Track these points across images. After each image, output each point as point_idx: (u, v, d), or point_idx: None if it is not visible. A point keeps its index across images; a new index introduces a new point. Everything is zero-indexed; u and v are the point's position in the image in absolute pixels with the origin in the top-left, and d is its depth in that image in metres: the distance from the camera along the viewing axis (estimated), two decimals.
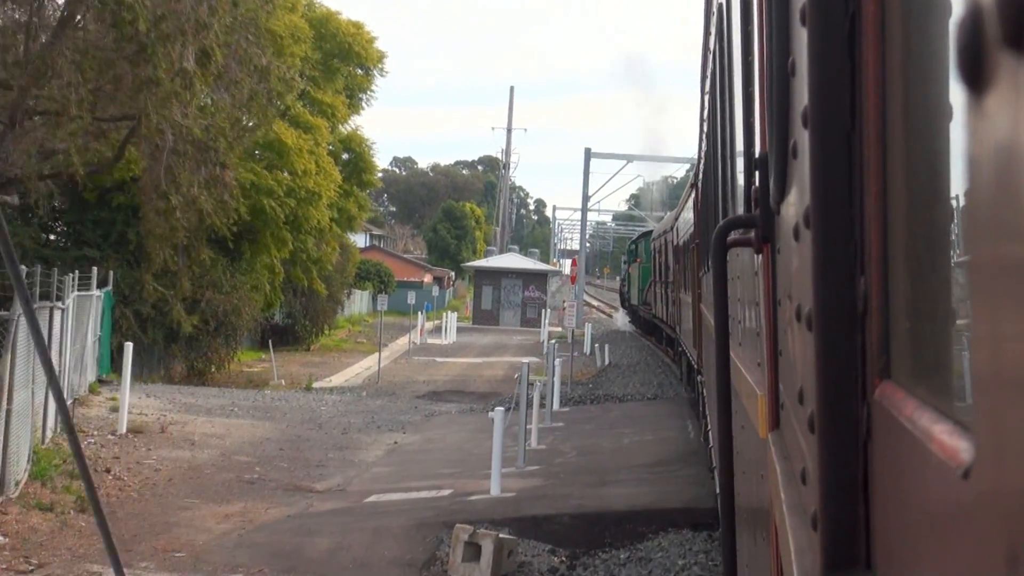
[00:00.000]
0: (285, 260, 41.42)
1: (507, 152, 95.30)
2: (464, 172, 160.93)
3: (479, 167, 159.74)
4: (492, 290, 70.30)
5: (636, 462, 17.64)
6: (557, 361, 25.10)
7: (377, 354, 45.12)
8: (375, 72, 50.25)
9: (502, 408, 15.20)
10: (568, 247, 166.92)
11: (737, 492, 3.85)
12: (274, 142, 37.90)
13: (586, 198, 68.08)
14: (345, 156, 48.32)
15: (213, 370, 36.98)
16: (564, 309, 69.62)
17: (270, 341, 43.30)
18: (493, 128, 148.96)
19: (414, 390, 33.68)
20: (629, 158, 71.07)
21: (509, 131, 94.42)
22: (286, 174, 39.22)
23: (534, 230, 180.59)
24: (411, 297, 52.81)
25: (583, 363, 41.16)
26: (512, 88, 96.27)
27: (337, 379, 37.86)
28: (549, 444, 20.01)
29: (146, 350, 33.71)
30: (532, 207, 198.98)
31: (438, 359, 45.24)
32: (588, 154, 66.48)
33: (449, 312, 62.29)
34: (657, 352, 43.65)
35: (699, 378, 19.61)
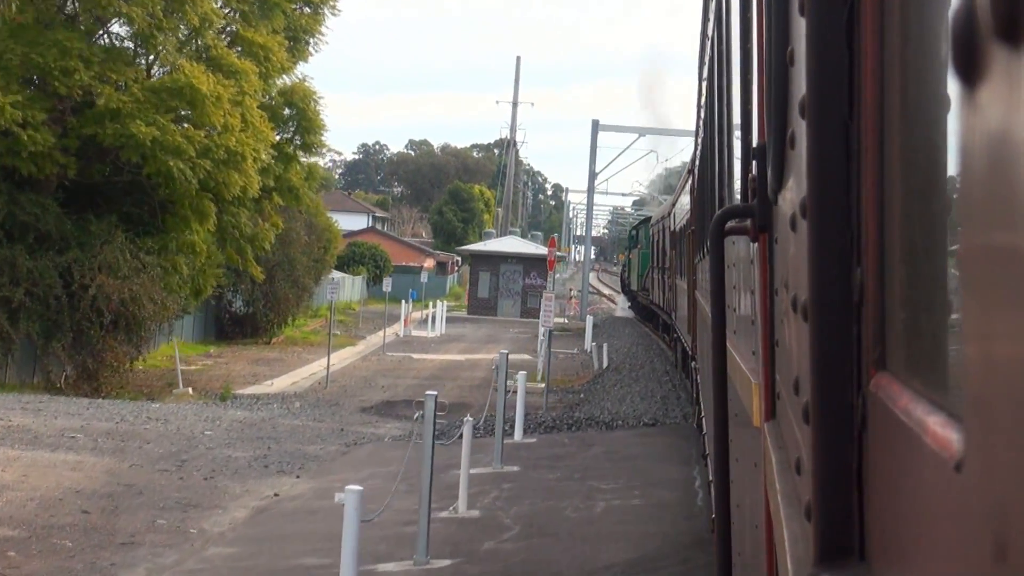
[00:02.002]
0: (217, 238, 34.78)
1: (512, 127, 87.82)
2: (476, 155, 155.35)
3: (495, 150, 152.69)
4: (490, 276, 63.55)
5: (607, 559, 11.46)
6: (521, 376, 19.52)
7: (349, 348, 41.49)
8: (325, 10, 39.78)
9: (356, 490, 9.34)
10: (583, 232, 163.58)
11: (731, 479, 3.87)
12: (184, 88, 29.82)
13: (593, 175, 62.50)
14: (287, 112, 38.69)
15: (108, 374, 29.87)
16: (572, 299, 67.54)
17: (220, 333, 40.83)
18: (497, 102, 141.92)
19: (365, 398, 28.61)
20: (640, 131, 64.96)
21: (515, 105, 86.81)
22: (205, 130, 31.50)
23: (551, 215, 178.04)
24: (387, 284, 48.42)
25: (581, 362, 38.24)
26: (519, 59, 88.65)
27: (282, 382, 32.41)
28: (485, 510, 13.89)
29: (23, 348, 28.66)
30: (550, 192, 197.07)
31: (415, 355, 40.01)
32: (595, 127, 60.94)
33: (440, 301, 56.28)
34: (664, 350, 38.84)
35: (693, 364, 19.65)
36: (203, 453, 18.73)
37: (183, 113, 31.04)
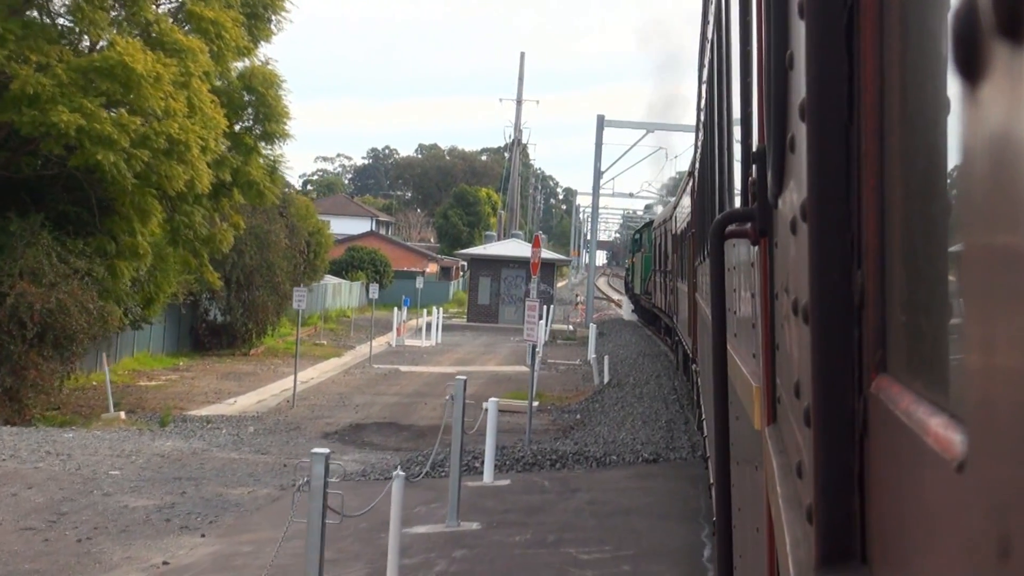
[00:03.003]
0: (169, 239, 30.85)
1: (516, 125, 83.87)
2: (483, 158, 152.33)
3: (504, 154, 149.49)
4: (490, 282, 60.35)
5: None
6: (491, 404, 16.53)
7: (334, 359, 39.12)
8: None
9: None
10: (597, 237, 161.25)
11: (732, 483, 3.86)
12: (116, 67, 25.42)
13: (598, 173, 59.16)
14: (247, 99, 33.70)
15: (33, 394, 25.92)
16: (579, 304, 65.19)
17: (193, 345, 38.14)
18: (501, 100, 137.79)
19: (332, 420, 25.19)
20: (648, 126, 60.43)
21: (519, 103, 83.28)
22: (143, 117, 26.60)
23: (562, 220, 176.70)
24: (374, 291, 44.85)
25: (583, 374, 35.20)
26: (522, 55, 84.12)
27: (246, 400, 29.07)
28: None
29: None
30: (561, 197, 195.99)
31: (404, 368, 36.90)
32: (601, 122, 57.40)
33: (436, 308, 52.66)
34: (671, 361, 35.92)
35: (694, 367, 19.66)
36: (95, 502, 15.12)
37: (119, 98, 26.27)
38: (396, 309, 48.91)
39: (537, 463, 18.08)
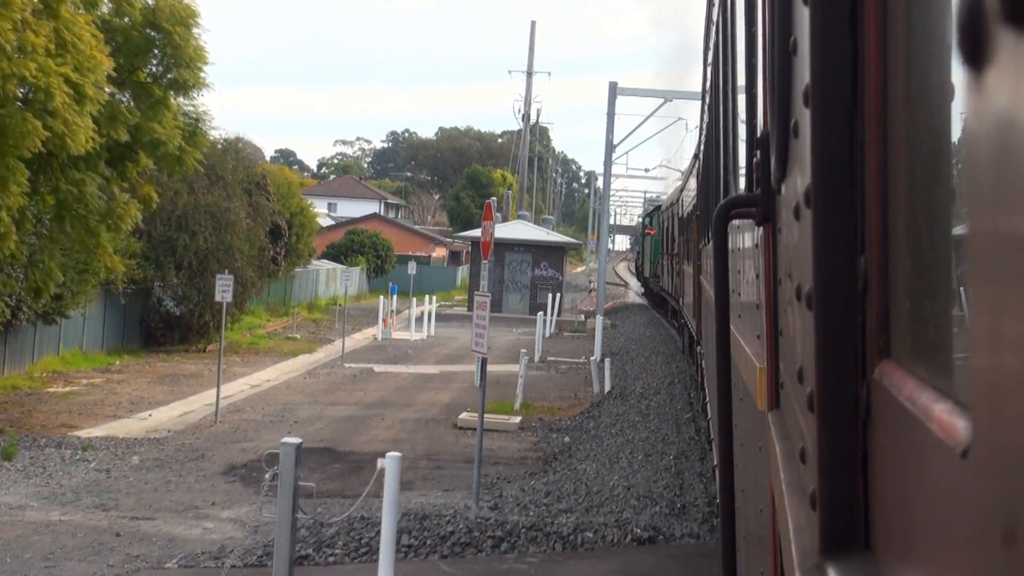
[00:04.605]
0: (54, 214, 23.64)
1: (527, 99, 77.72)
2: (500, 140, 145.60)
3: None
4: (493, 267, 52.85)
5: None
6: (390, 462, 9.98)
7: (304, 356, 34.28)
8: None
9: None
10: (618, 221, 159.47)
11: (736, 464, 3.87)
12: None
13: (610, 146, 52.53)
14: (155, 38, 25.80)
15: None
16: (592, 291, 60.35)
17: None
18: (510, 72, 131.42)
19: (251, 446, 19.23)
20: (665, 95, 53.12)
21: (529, 75, 77.68)
22: None
23: (584, 204, 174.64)
24: (349, 276, 40.06)
25: (586, 376, 29.42)
26: (533, 23, 79.41)
27: (166, 413, 23.33)
28: None
29: None
30: (584, 181, 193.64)
31: (379, 367, 31.60)
32: (613, 90, 50.83)
33: (430, 296, 47.92)
34: (685, 367, 30.24)
35: (699, 349, 19.67)
36: None
37: None
38: (383, 298, 43.87)
39: (473, 543, 12.40)
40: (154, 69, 25.65)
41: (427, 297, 46.78)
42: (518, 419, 21.92)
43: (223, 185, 36.05)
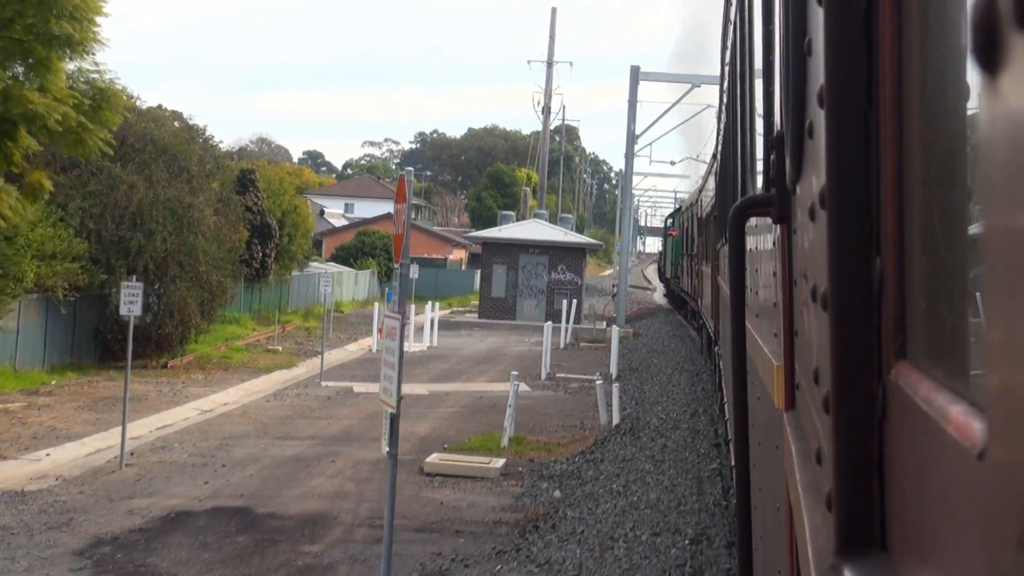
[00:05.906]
0: None
1: (547, 90, 74.12)
2: (527, 138, 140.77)
3: (555, 137, 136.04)
4: (506, 271, 50.40)
5: None
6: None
7: (280, 372, 29.65)
8: None
9: None
10: (649, 223, 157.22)
11: (752, 463, 3.87)
12: None
13: (632, 136, 47.76)
14: None
15: None
16: (615, 296, 55.64)
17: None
18: (529, 62, 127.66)
19: (141, 506, 14.49)
20: (694, 80, 46.71)
21: (550, 64, 74.20)
22: None
23: (614, 205, 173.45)
24: (325, 283, 32.34)
25: (595, 398, 22.24)
26: (554, 11, 73.98)
27: (78, 449, 18.47)
28: None
29: None
30: (614, 182, 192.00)
31: (359, 386, 26.86)
32: (635, 75, 46.20)
33: (432, 303, 42.75)
34: (712, 390, 24.72)
35: (716, 349, 19.65)
36: None
37: None
38: (378, 305, 40.11)
39: None
40: (31, 22, 19.35)
41: (429, 303, 41.99)
42: (502, 461, 17.17)
43: (187, 178, 31.50)
